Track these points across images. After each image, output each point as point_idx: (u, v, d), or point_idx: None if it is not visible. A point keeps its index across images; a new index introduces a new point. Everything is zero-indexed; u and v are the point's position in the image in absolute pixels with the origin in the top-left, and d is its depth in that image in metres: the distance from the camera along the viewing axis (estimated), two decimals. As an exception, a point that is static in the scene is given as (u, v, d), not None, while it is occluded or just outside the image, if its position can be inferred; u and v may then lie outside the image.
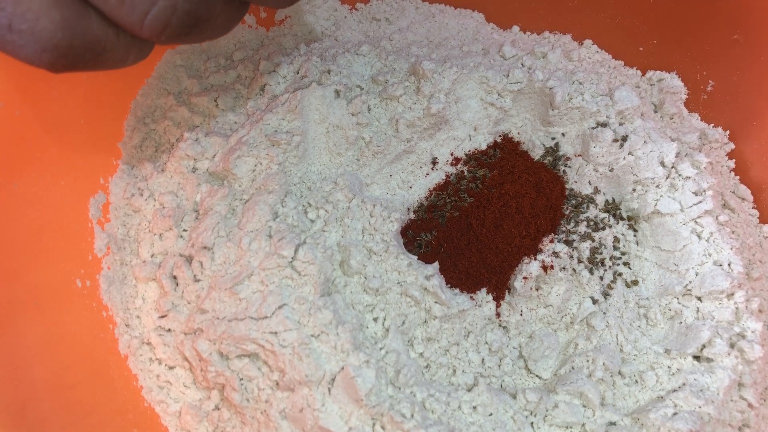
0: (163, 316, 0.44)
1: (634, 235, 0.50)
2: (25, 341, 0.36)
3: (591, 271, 0.48)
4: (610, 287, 0.48)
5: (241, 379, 0.41)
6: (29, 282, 0.37)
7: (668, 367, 0.45)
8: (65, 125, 0.41)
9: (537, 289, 0.47)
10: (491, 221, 0.49)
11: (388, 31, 0.57)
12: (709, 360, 0.44)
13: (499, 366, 0.45)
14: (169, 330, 0.43)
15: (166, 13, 0.30)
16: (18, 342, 0.35)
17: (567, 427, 0.42)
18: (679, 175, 0.48)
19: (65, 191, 0.42)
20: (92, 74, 0.43)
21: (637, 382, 0.44)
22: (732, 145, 0.53)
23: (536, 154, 0.52)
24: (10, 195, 0.36)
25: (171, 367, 0.44)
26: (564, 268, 0.48)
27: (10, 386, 0.34)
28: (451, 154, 0.51)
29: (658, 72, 0.56)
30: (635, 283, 0.48)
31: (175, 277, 0.44)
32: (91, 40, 0.30)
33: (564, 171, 0.52)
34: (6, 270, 0.36)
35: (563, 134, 0.52)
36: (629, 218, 0.50)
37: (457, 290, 0.47)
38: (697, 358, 0.45)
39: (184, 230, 0.45)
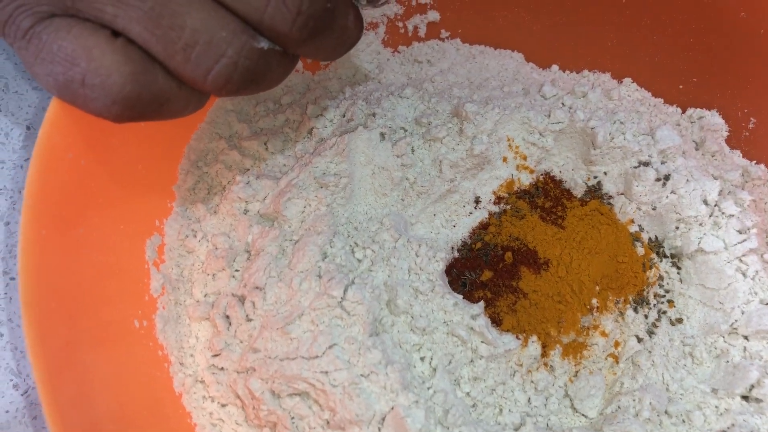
0: (216, 355, 0.45)
1: (678, 273, 0.50)
2: (89, 378, 0.37)
3: (635, 310, 0.48)
4: (654, 325, 0.48)
5: (293, 418, 0.42)
6: (91, 322, 0.39)
7: (716, 407, 0.45)
8: (124, 171, 0.43)
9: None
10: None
11: (430, 73, 0.59)
12: (758, 401, 0.44)
13: (546, 405, 0.45)
14: (222, 368, 0.45)
15: (228, 70, 0.32)
16: (83, 378, 0.37)
17: (615, 468, 0.42)
18: (723, 213, 0.49)
19: (124, 234, 0.43)
20: (149, 123, 0.45)
21: (684, 421, 0.44)
22: (775, 182, 0.53)
23: (578, 192, 0.53)
24: (76, 240, 0.38)
25: (224, 405, 0.45)
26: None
27: (78, 418, 0.35)
28: (494, 193, 0.52)
29: (699, 110, 0.56)
30: (680, 321, 0.48)
31: (228, 317, 0.45)
32: (156, 93, 0.32)
33: (606, 210, 0.52)
34: (71, 311, 0.37)
35: (605, 173, 0.52)
36: (673, 256, 0.50)
37: (502, 329, 0.47)
38: (745, 398, 0.44)
39: (237, 270, 0.47)
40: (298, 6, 0.32)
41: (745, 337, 0.46)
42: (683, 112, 0.57)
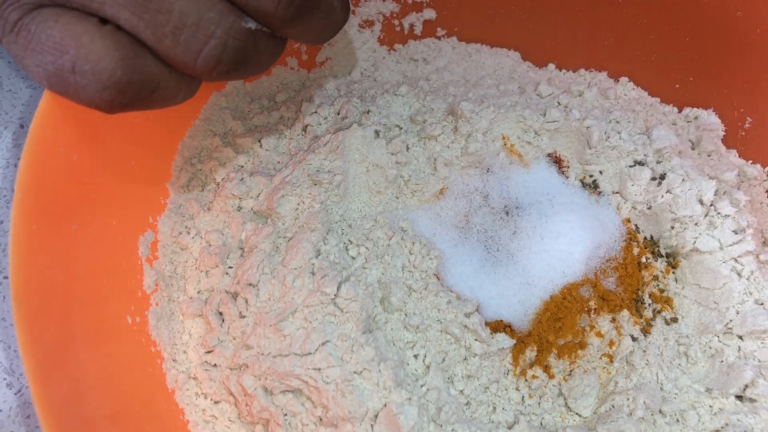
0: (209, 352, 0.45)
1: (673, 273, 0.50)
2: (82, 374, 0.37)
3: (630, 309, 0.48)
4: (649, 325, 0.48)
5: (285, 415, 0.42)
6: (84, 319, 0.39)
7: (710, 406, 0.44)
8: (118, 167, 0.43)
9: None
10: (529, 258, 0.49)
11: (426, 71, 0.59)
12: (752, 400, 0.44)
13: (539, 404, 0.45)
14: (215, 365, 0.44)
15: (218, 51, 0.32)
16: (75, 375, 0.37)
17: (608, 467, 0.42)
18: (718, 213, 0.49)
19: (117, 231, 0.43)
20: (143, 118, 0.45)
21: (678, 421, 0.44)
22: (771, 182, 0.53)
23: (573, 191, 0.53)
24: (68, 236, 0.38)
25: (216, 402, 0.45)
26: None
27: (70, 415, 0.35)
28: (489, 192, 0.52)
29: (695, 109, 0.56)
30: (675, 320, 0.48)
31: (221, 314, 0.45)
32: (147, 77, 0.32)
33: (602, 208, 0.52)
34: (64, 308, 0.37)
35: (601, 172, 0.52)
36: (668, 255, 0.50)
37: (496, 327, 0.47)
38: (739, 398, 0.44)
39: (230, 267, 0.46)
40: None
41: (740, 337, 0.46)
42: (679, 111, 0.57)
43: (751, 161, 0.54)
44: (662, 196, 0.50)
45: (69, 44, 0.31)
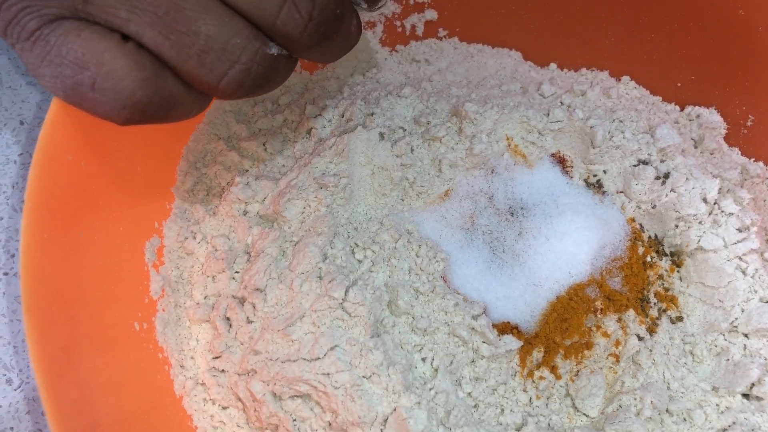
0: (216, 357, 0.45)
1: (678, 272, 0.50)
2: (90, 381, 0.37)
3: (636, 309, 0.48)
4: (655, 324, 0.48)
5: (294, 420, 0.42)
6: (92, 325, 0.39)
7: (716, 405, 0.45)
8: (123, 173, 0.43)
9: (583, 327, 0.48)
10: (535, 259, 0.49)
11: (428, 72, 0.59)
12: (759, 399, 0.44)
13: (547, 405, 0.45)
14: (223, 371, 0.44)
15: (242, 76, 0.32)
16: (84, 382, 0.37)
17: (617, 467, 0.42)
18: (722, 212, 0.49)
19: (123, 237, 0.43)
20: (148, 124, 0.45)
21: (685, 420, 0.44)
22: (774, 180, 0.53)
23: (578, 191, 0.53)
24: (76, 243, 0.38)
25: (225, 408, 0.45)
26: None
27: (79, 421, 0.35)
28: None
29: (697, 107, 0.56)
30: (680, 319, 0.48)
31: (228, 319, 0.45)
32: (166, 97, 0.32)
33: (606, 208, 0.52)
34: (72, 314, 0.37)
35: (605, 172, 0.52)
36: (672, 254, 0.50)
37: (503, 329, 0.47)
38: (746, 396, 0.45)
39: (237, 272, 0.46)
40: (310, 12, 0.32)
41: (746, 335, 0.46)
42: (681, 109, 0.57)
43: (753, 159, 0.54)
44: (666, 195, 0.50)
45: (90, 60, 0.30)
